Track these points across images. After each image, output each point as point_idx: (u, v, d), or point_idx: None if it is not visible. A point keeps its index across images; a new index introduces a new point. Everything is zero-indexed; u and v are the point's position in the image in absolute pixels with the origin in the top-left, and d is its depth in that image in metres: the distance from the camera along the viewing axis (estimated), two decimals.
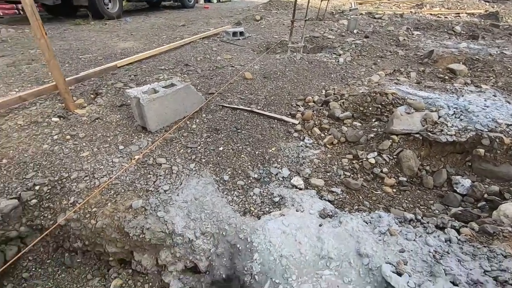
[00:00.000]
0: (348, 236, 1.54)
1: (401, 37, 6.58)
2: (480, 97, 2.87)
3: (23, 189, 2.03)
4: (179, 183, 2.05)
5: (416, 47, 5.74)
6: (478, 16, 10.27)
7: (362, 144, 2.45)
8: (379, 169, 2.16)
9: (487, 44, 5.97)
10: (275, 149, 2.47)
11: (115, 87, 3.64)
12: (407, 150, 2.17)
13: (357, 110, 2.92)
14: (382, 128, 2.59)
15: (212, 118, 2.94)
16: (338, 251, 1.48)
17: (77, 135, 2.62)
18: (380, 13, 10.91)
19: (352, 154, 2.36)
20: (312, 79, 4.11)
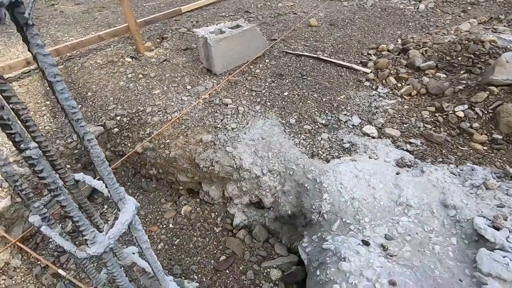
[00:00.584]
0: (431, 186, 1.41)
1: None
2: None
3: (107, 118, 2.23)
4: (246, 123, 2.05)
5: None
6: None
7: (448, 97, 2.15)
8: (468, 124, 1.90)
9: None
10: (344, 97, 2.31)
11: (179, 32, 3.67)
12: (508, 103, 1.84)
13: (443, 60, 2.54)
14: (474, 80, 2.23)
15: (276, 64, 2.82)
16: (418, 200, 1.37)
17: (148, 75, 2.74)
18: None
19: (435, 107, 2.09)
20: (385, 27, 3.66)
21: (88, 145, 0.74)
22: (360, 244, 1.27)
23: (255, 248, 1.84)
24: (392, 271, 1.13)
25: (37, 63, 0.61)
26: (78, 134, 0.73)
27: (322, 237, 1.42)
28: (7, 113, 0.58)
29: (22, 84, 2.68)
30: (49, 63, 0.61)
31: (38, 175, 0.66)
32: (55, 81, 0.63)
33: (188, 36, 3.58)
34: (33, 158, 0.63)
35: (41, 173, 0.66)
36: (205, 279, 1.71)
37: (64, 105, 0.67)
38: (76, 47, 2.82)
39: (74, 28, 4.06)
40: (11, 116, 0.59)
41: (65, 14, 4.90)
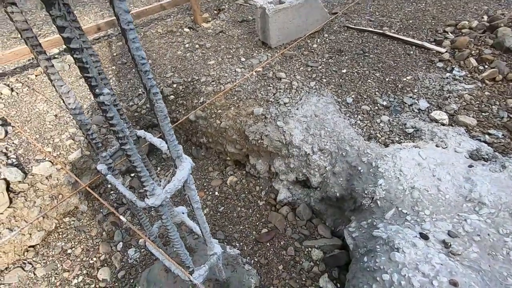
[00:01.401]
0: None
1: None
2: None
3: (164, 85, 2.32)
4: (299, 98, 1.97)
5: None
6: None
7: None
8: None
9: None
10: (411, 78, 2.08)
11: (236, 4, 3.61)
12: None
13: None
14: None
15: (335, 39, 2.63)
16: (495, 198, 1.19)
17: (205, 45, 2.77)
18: None
19: None
20: (468, 2, 3.16)
21: (153, 98, 0.75)
22: (417, 237, 1.16)
23: (297, 226, 1.82)
24: (454, 271, 1.01)
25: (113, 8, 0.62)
26: (145, 86, 0.73)
27: (372, 224, 1.34)
28: (86, 57, 0.59)
29: None
30: (124, 9, 0.60)
31: (109, 121, 0.69)
32: (128, 29, 0.63)
33: (245, 8, 3.50)
34: (106, 104, 0.66)
35: (112, 120, 0.68)
36: (246, 248, 1.75)
37: (135, 54, 0.67)
38: (140, 15, 2.94)
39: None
40: (89, 60, 0.61)
41: None
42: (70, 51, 0.57)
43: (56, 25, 0.53)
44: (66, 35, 0.54)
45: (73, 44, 0.56)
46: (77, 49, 0.57)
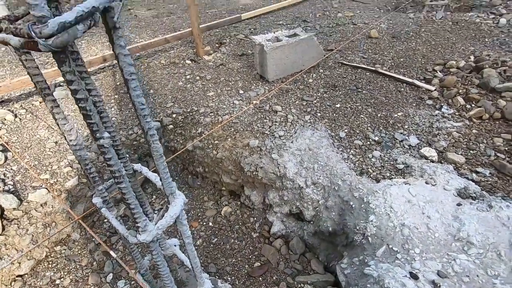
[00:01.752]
0: (499, 225, 1.24)
1: None
2: None
3: (164, 115, 2.40)
4: (294, 132, 2.03)
5: None
6: None
7: None
8: None
9: None
10: (402, 114, 2.16)
11: (237, 38, 3.81)
12: None
13: None
14: None
15: (330, 75, 2.76)
16: (483, 238, 1.21)
17: (205, 77, 2.89)
18: None
19: (511, 134, 1.84)
20: (456, 42, 3.35)
21: (150, 139, 0.80)
22: (407, 277, 1.16)
23: (290, 260, 1.80)
24: None
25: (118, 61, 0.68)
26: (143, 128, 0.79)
27: (364, 261, 1.34)
28: (90, 105, 0.65)
29: (97, 78, 3.02)
30: (128, 62, 0.67)
31: (107, 162, 0.73)
32: (131, 79, 0.69)
33: (245, 42, 3.69)
34: (105, 147, 0.70)
35: (110, 161, 0.73)
36: (238, 282, 1.72)
37: (135, 101, 0.73)
38: (146, 47, 3.10)
39: (144, 31, 4.46)
40: (92, 108, 0.66)
41: (138, 18, 5.41)
42: (76, 100, 0.63)
43: (66, 78, 0.59)
44: (73, 87, 0.60)
45: (79, 95, 0.62)
46: (82, 99, 0.63)
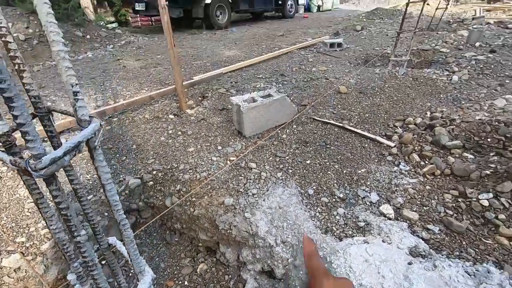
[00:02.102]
0: (442, 284, 1.38)
1: None
2: None
3: (145, 171, 2.52)
4: (266, 189, 2.19)
5: None
6: None
7: (473, 181, 2.11)
8: (493, 214, 1.83)
9: None
10: (365, 170, 2.37)
11: (218, 92, 4.10)
12: None
13: (471, 140, 2.53)
14: (504, 165, 2.18)
15: (302, 130, 3.01)
16: None
17: (186, 132, 3.07)
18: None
19: (458, 191, 2.06)
20: (415, 98, 3.74)
21: (122, 228, 0.93)
22: None
23: None
24: None
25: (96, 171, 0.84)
26: (116, 219, 0.92)
27: None
28: (71, 211, 0.78)
29: None
30: (105, 171, 0.83)
31: (82, 254, 0.85)
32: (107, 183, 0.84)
33: (226, 96, 3.98)
34: (81, 242, 0.82)
35: (85, 253, 0.84)
36: None
37: (110, 199, 0.87)
38: (131, 104, 3.31)
39: (131, 83, 4.72)
40: (73, 212, 0.80)
41: (127, 69, 5.73)
42: (58, 208, 0.76)
43: (52, 194, 0.73)
44: (57, 200, 0.74)
45: (62, 204, 0.75)
46: (64, 208, 0.76)
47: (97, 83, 4.69)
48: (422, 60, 5.85)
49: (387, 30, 8.76)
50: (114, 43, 8.13)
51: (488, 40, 6.66)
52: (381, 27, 9.48)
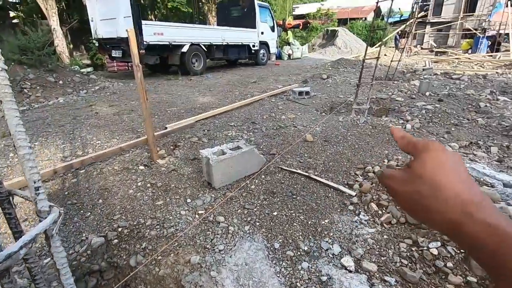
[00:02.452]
0: None
1: (483, 102, 6.11)
2: None
3: (109, 229, 2.46)
4: (233, 245, 2.21)
5: (501, 116, 5.24)
6: None
7: (424, 229, 2.29)
8: (443, 263, 1.98)
9: None
10: (328, 221, 2.49)
11: (190, 141, 4.21)
12: None
13: None
14: None
15: (271, 180, 3.13)
16: None
17: (156, 184, 3.08)
18: (458, 73, 10.34)
19: (412, 239, 2.22)
20: (374, 146, 4.06)
21: None
22: None
23: None
24: None
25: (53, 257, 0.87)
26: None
27: None
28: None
29: (45, 186, 3.05)
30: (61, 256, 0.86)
31: None
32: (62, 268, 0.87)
33: (198, 145, 4.09)
34: None
35: None
36: None
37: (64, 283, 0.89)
38: (100, 157, 3.30)
39: (103, 131, 4.72)
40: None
41: (99, 115, 5.74)
42: None
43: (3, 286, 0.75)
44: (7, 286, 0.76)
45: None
46: None
47: (66, 131, 4.64)
48: (381, 107, 6.43)
49: (350, 79, 9.62)
50: (87, 88, 8.18)
51: (436, 89, 7.52)
52: (345, 75, 10.40)
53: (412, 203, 0.38)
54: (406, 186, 0.39)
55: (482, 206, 0.33)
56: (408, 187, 0.38)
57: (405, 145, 0.44)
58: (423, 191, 0.36)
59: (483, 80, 8.99)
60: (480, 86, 8.05)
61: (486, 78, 9.18)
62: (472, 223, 0.32)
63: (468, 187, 0.35)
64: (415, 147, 0.41)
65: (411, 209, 0.39)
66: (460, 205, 0.33)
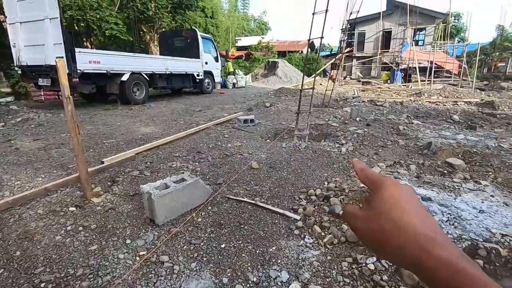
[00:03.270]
0: None
1: (401, 126, 7.01)
2: (478, 197, 2.95)
3: (29, 286, 2.10)
4: (179, 286, 2.08)
5: (416, 137, 6.08)
6: (475, 105, 10.93)
7: (362, 247, 2.47)
8: (379, 277, 2.14)
9: (485, 135, 6.27)
10: (276, 248, 2.52)
11: (131, 175, 3.94)
12: None
13: None
14: None
15: (218, 211, 3.08)
16: None
17: (89, 226, 2.78)
18: (381, 101, 11.80)
19: (352, 257, 2.36)
20: (315, 169, 4.32)
21: None
22: None
23: None
24: None
25: None
26: None
27: None
28: None
29: None
30: None
31: None
32: None
33: (139, 179, 3.85)
34: None
35: None
36: None
37: None
38: (18, 200, 2.87)
39: (24, 169, 4.16)
40: None
41: (20, 151, 5.07)
42: None
43: None
44: None
45: None
46: None
47: None
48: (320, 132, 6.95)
49: (291, 106, 10.27)
50: (6, 121, 7.20)
51: (365, 115, 8.46)
52: (286, 103, 11.08)
53: (374, 240, 0.39)
54: (368, 224, 0.40)
55: (438, 241, 0.34)
56: (370, 225, 0.39)
57: (364, 179, 0.47)
58: (384, 229, 0.37)
59: (400, 106, 10.47)
60: (398, 111, 9.33)
61: (402, 105, 10.71)
62: (430, 259, 0.33)
63: (423, 221, 0.36)
64: (373, 182, 0.44)
65: (375, 246, 0.40)
66: (418, 241, 0.34)
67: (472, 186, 3.44)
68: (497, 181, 3.73)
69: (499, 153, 4.75)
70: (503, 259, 1.96)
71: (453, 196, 3.01)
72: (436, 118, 8.23)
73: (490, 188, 3.38)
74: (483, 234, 2.13)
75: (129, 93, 10.21)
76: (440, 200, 2.81)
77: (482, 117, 8.17)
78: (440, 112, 9.15)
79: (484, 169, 4.15)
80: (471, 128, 6.86)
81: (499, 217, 2.37)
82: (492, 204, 2.74)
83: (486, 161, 4.39)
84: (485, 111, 9.13)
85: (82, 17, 14.37)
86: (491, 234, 2.12)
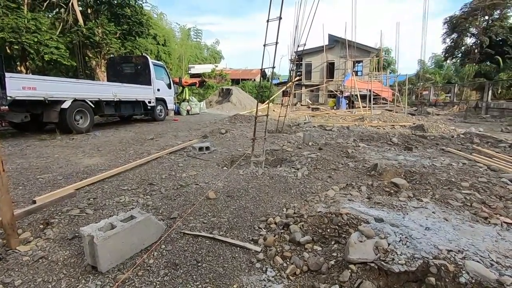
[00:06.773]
0: None
1: (350, 149, 7.46)
2: (422, 215, 3.18)
3: None
4: None
5: (363, 159, 6.49)
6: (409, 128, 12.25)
7: (324, 274, 2.43)
8: None
9: (420, 155, 6.96)
10: (237, 286, 2.35)
11: (69, 215, 3.47)
12: (366, 281, 2.19)
13: (316, 233, 3.02)
14: (342, 252, 2.65)
15: (172, 249, 2.82)
16: None
17: (12, 283, 2.31)
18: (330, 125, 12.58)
19: (315, 287, 2.31)
20: (273, 196, 4.29)
21: None
22: None
23: None
24: None
25: None
26: None
27: None
28: None
29: None
30: None
31: None
32: None
33: (80, 219, 3.40)
34: None
35: None
36: None
37: None
38: None
39: None
40: None
41: None
42: None
43: None
44: None
45: None
46: None
47: None
48: (275, 158, 7.05)
49: (246, 133, 10.38)
50: None
51: (316, 139, 8.87)
52: (241, 129, 11.18)
53: None
54: None
55: None
56: None
57: None
58: None
59: (347, 130, 11.27)
60: (346, 135, 10.01)
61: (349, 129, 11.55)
62: None
63: None
64: None
65: None
66: None
67: (416, 203, 3.72)
68: (435, 197, 4.09)
69: (433, 171, 5.29)
70: (451, 274, 2.08)
71: (402, 215, 3.19)
72: (379, 141, 8.98)
73: (431, 205, 3.68)
74: (432, 251, 2.26)
75: (71, 121, 9.35)
76: (391, 220, 2.96)
77: (416, 139, 9.15)
78: (381, 135, 10.03)
79: (424, 187, 4.55)
80: (408, 149, 7.61)
81: (443, 233, 2.56)
82: (435, 220, 2.97)
83: (424, 179, 4.83)
84: (417, 133, 10.28)
85: (17, 39, 13.16)
86: (439, 251, 2.26)
